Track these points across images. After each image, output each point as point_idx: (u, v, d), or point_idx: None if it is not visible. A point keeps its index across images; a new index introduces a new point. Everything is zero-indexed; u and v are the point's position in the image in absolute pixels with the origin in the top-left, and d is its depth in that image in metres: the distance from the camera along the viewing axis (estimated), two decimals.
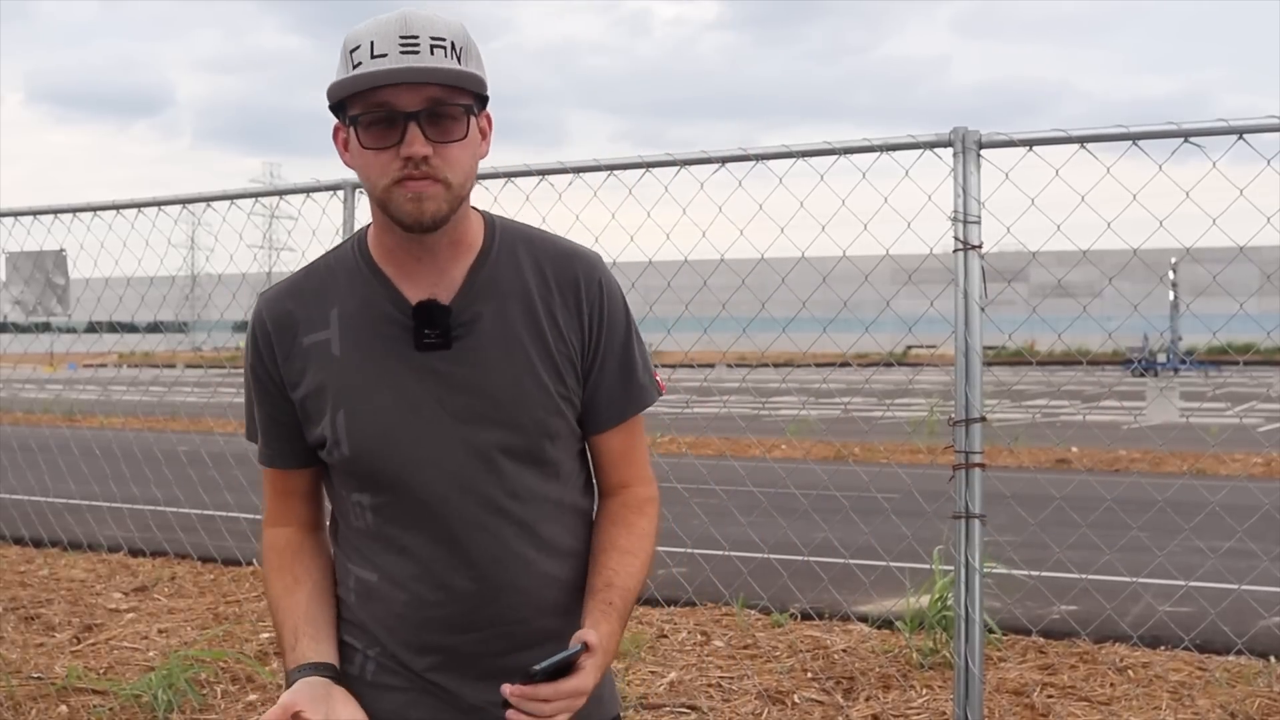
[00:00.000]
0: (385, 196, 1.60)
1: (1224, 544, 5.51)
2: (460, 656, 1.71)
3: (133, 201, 5.28)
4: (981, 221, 3.31)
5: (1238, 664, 5.11)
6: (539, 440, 1.70)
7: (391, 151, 1.57)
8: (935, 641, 5.15)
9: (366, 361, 1.68)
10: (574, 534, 1.79)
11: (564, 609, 1.75)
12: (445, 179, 1.59)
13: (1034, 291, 5.63)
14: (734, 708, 4.61)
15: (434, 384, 1.66)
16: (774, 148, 3.75)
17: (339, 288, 1.72)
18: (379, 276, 1.70)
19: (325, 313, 1.70)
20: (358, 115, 1.59)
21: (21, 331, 7.78)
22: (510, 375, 1.68)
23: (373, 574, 1.73)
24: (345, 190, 4.46)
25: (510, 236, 1.75)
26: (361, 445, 1.67)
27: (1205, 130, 3.19)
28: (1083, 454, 13.55)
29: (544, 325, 1.70)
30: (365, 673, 1.74)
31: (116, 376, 21.34)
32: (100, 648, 5.55)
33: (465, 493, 1.67)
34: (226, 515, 8.12)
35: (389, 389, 1.66)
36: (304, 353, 1.70)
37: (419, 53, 1.55)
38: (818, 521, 6.17)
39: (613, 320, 1.76)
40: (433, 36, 1.56)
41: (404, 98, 1.56)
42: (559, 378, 1.71)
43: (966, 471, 3.26)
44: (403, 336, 1.67)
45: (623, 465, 1.82)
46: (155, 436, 9.15)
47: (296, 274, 1.78)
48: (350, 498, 1.73)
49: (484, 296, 1.69)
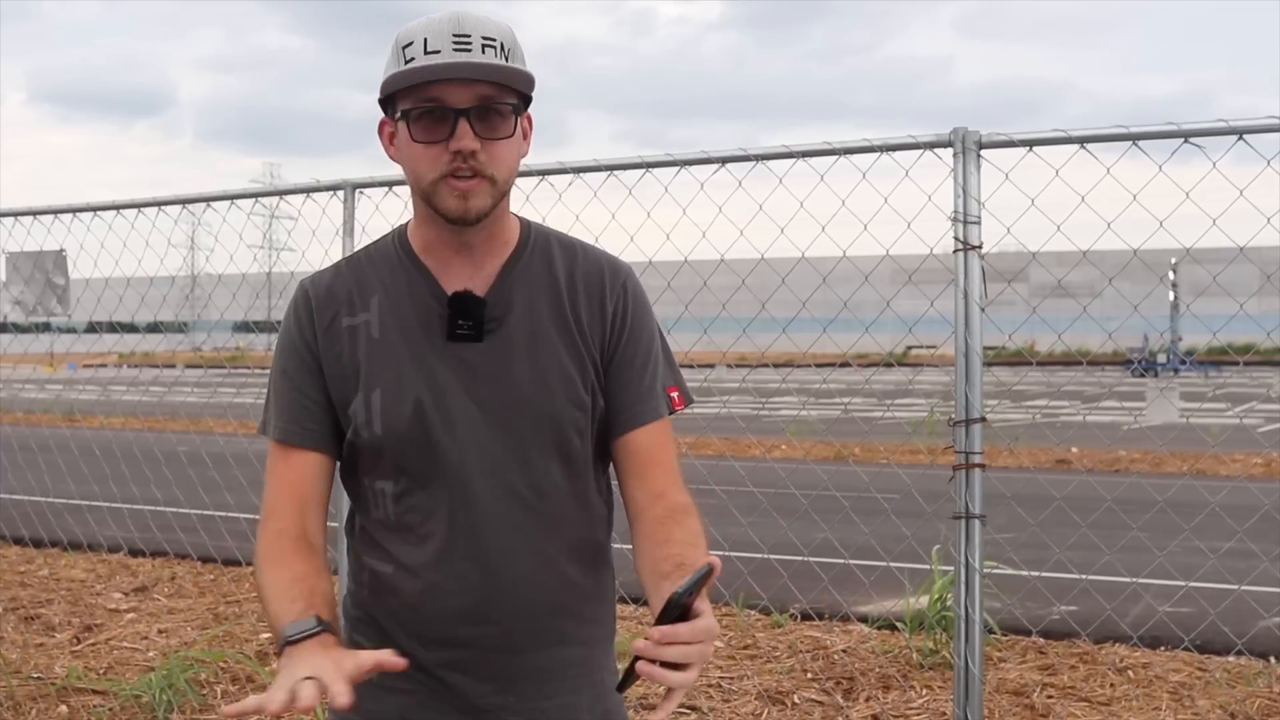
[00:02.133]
0: (431, 190, 1.64)
1: (1224, 544, 5.51)
2: (470, 651, 1.70)
3: (133, 201, 5.28)
4: (981, 222, 3.31)
5: (1238, 664, 5.12)
6: (563, 433, 1.71)
7: (440, 146, 1.62)
8: (935, 642, 5.15)
9: (403, 346, 1.70)
10: (592, 537, 1.78)
11: (576, 613, 1.75)
12: (491, 175, 1.64)
13: (1034, 291, 5.63)
14: (734, 708, 4.61)
15: (463, 374, 1.69)
16: (774, 148, 3.75)
17: (380, 277, 1.75)
18: (419, 267, 1.74)
19: (366, 299, 1.74)
20: (409, 109, 1.63)
21: (21, 331, 7.78)
22: (537, 368, 1.70)
23: (388, 565, 1.73)
24: (345, 190, 4.45)
25: (544, 237, 1.80)
26: (393, 426, 1.68)
27: (1205, 130, 3.19)
28: (1083, 454, 13.55)
29: (570, 320, 1.73)
30: (373, 674, 1.73)
31: (116, 376, 21.34)
32: (100, 648, 5.56)
33: (488, 480, 1.68)
34: (226, 515, 8.12)
35: (422, 375, 1.69)
36: (343, 333, 1.73)
37: (471, 50, 1.59)
38: (818, 522, 6.16)
39: (637, 322, 1.78)
40: (484, 36, 1.61)
41: (455, 94, 1.60)
42: (584, 373, 1.73)
43: (966, 472, 3.26)
44: (438, 326, 1.70)
45: (654, 471, 1.76)
46: (155, 436, 9.15)
47: (338, 263, 1.82)
48: (373, 485, 1.73)
49: (516, 290, 1.73)
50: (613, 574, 1.86)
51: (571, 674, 1.76)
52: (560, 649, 1.74)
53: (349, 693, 1.41)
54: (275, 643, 1.56)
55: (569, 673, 1.76)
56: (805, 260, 4.19)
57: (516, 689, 1.72)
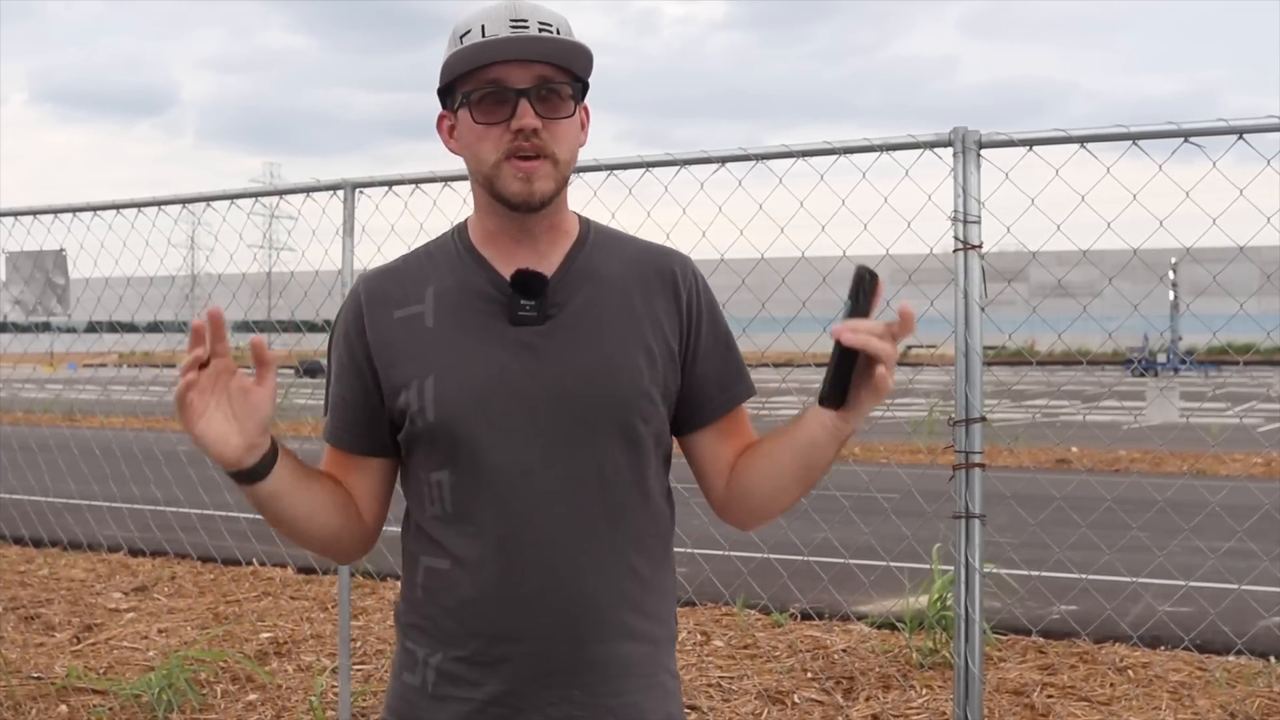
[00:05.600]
0: (494, 173, 1.64)
1: (1224, 544, 5.51)
2: (528, 648, 1.64)
3: (133, 201, 5.27)
4: (981, 221, 3.30)
5: (1238, 664, 5.12)
6: (627, 420, 1.67)
7: (501, 127, 1.62)
8: (935, 641, 5.15)
9: (460, 333, 1.68)
10: (655, 529, 1.74)
11: (640, 606, 1.70)
12: (553, 154, 1.64)
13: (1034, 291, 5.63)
14: (734, 708, 4.61)
15: (527, 358, 1.66)
16: (774, 147, 3.75)
17: (437, 270, 1.74)
18: (478, 259, 1.73)
19: (421, 291, 1.72)
20: (469, 92, 1.64)
21: (21, 331, 7.77)
22: (602, 353, 1.67)
23: (444, 561, 1.68)
24: (345, 190, 4.45)
25: (604, 233, 1.81)
26: (447, 412, 1.64)
27: (1205, 130, 3.19)
28: (1083, 454, 13.55)
29: (638, 313, 1.72)
30: (426, 683, 1.69)
31: (116, 376, 21.32)
32: (100, 648, 5.56)
33: (549, 466, 1.64)
34: (226, 515, 8.12)
35: (480, 361, 1.66)
36: (395, 325, 1.70)
37: (529, 32, 1.61)
38: (818, 521, 6.15)
39: (714, 310, 1.81)
40: (540, 21, 1.63)
41: (515, 74, 1.61)
42: (652, 363, 1.70)
43: (966, 471, 3.26)
44: (498, 313, 1.68)
45: (747, 436, 1.82)
46: (155, 436, 9.14)
47: (396, 259, 1.81)
48: (428, 478, 1.69)
49: (579, 280, 1.71)
50: (675, 573, 1.82)
51: (638, 673, 1.70)
52: (626, 644, 1.68)
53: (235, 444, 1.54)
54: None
55: (635, 671, 1.69)
56: (805, 260, 4.19)
57: (580, 683, 1.65)
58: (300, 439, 4.07)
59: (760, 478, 1.75)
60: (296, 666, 5.32)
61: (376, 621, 6.11)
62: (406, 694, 1.72)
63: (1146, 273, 5.65)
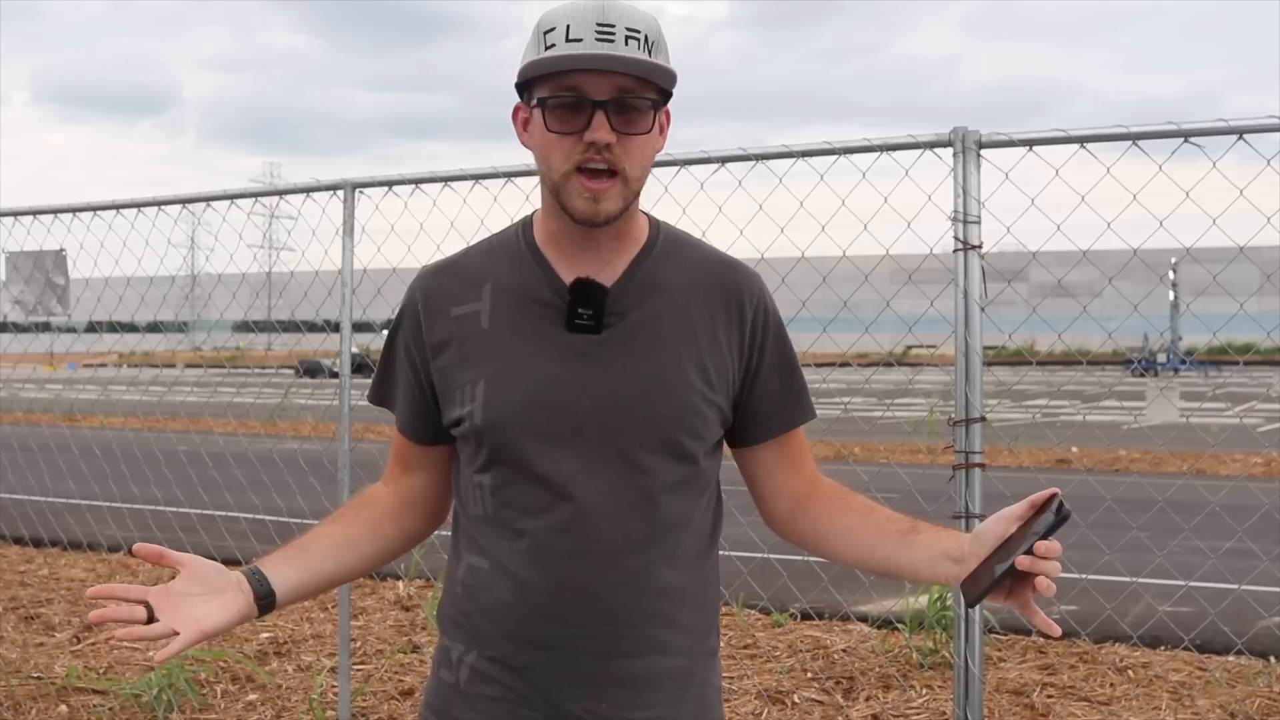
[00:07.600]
0: (562, 183, 1.61)
1: (1224, 544, 5.51)
2: (561, 654, 1.64)
3: (133, 201, 5.27)
4: (981, 221, 3.30)
5: (1238, 664, 5.12)
6: (676, 435, 1.65)
7: (575, 137, 1.59)
8: (935, 641, 5.15)
9: (514, 337, 1.67)
10: (698, 545, 1.72)
11: (675, 622, 1.69)
12: (623, 170, 1.60)
13: (1034, 291, 5.63)
14: (734, 708, 4.61)
15: (580, 367, 1.64)
16: (774, 147, 3.75)
17: (497, 266, 1.72)
18: (539, 259, 1.70)
19: (479, 288, 1.71)
20: (545, 98, 1.60)
21: (21, 331, 7.77)
22: (656, 367, 1.65)
23: (484, 560, 1.69)
24: (345, 190, 4.45)
25: (674, 239, 1.77)
26: (493, 416, 1.64)
27: (1205, 130, 3.19)
28: (1083, 454, 13.54)
29: (697, 329, 1.69)
30: (460, 680, 1.70)
31: (116, 376, 21.32)
32: (100, 648, 5.56)
33: (594, 478, 1.62)
34: (226, 515, 8.12)
35: (533, 367, 1.65)
36: (451, 322, 1.70)
37: (614, 41, 1.56)
38: None
39: (780, 329, 1.80)
40: (628, 27, 1.58)
41: (594, 85, 1.57)
42: (706, 381, 1.68)
43: (966, 471, 3.26)
44: (554, 318, 1.66)
45: (806, 462, 1.82)
46: (155, 436, 9.14)
47: (457, 252, 1.80)
48: (473, 478, 1.70)
49: (642, 290, 1.69)
50: (718, 587, 1.80)
51: (670, 686, 1.69)
52: (658, 658, 1.67)
53: (165, 645, 1.55)
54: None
55: (667, 684, 1.68)
56: (805, 260, 4.19)
57: (608, 696, 1.65)
58: (300, 439, 4.07)
59: (841, 545, 1.78)
60: (296, 666, 5.33)
61: (376, 621, 6.11)
62: (442, 689, 1.73)
63: (1146, 273, 5.65)
